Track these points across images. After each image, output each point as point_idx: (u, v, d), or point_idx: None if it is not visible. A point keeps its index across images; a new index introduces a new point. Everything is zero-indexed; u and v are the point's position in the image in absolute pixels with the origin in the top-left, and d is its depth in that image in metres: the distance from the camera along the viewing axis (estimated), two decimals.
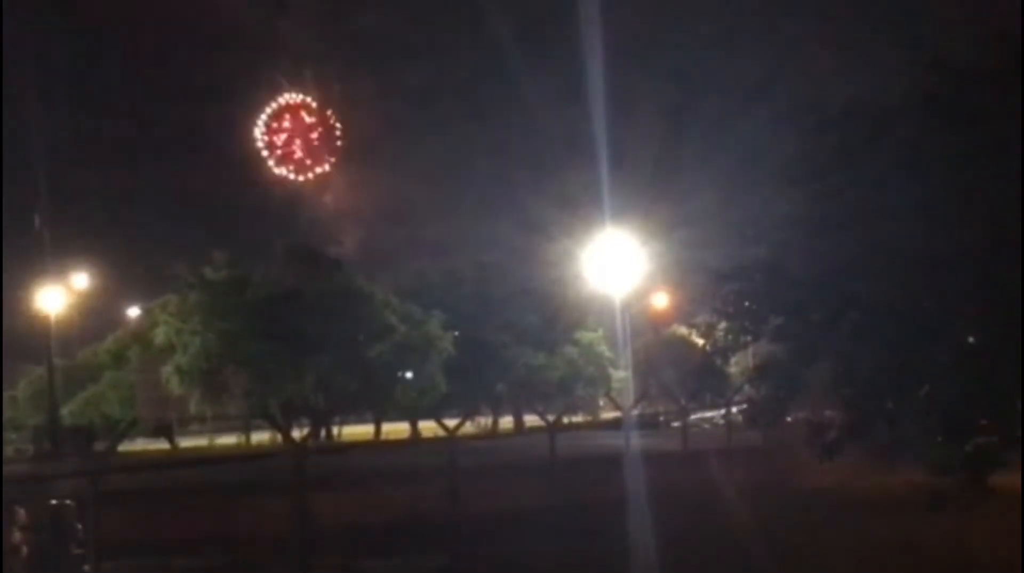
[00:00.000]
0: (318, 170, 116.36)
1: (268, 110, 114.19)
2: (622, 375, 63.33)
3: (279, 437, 51.54)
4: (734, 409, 40.61)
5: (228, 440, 59.77)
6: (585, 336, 63.46)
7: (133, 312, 65.19)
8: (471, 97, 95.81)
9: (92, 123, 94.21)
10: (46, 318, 54.89)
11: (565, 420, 47.19)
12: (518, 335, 59.88)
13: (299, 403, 52.38)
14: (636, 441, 33.08)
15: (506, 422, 64.66)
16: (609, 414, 55.95)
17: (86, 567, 15.14)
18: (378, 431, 59.51)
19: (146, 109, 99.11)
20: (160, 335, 53.28)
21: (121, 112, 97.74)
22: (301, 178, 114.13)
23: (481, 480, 25.69)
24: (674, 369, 59.29)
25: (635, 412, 43.47)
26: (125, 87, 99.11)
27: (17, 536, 15.10)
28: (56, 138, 77.11)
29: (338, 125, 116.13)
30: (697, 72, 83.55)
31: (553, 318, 62.56)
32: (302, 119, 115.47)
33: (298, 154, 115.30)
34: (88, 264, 65.58)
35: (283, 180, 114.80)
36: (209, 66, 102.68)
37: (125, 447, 53.30)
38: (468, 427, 55.58)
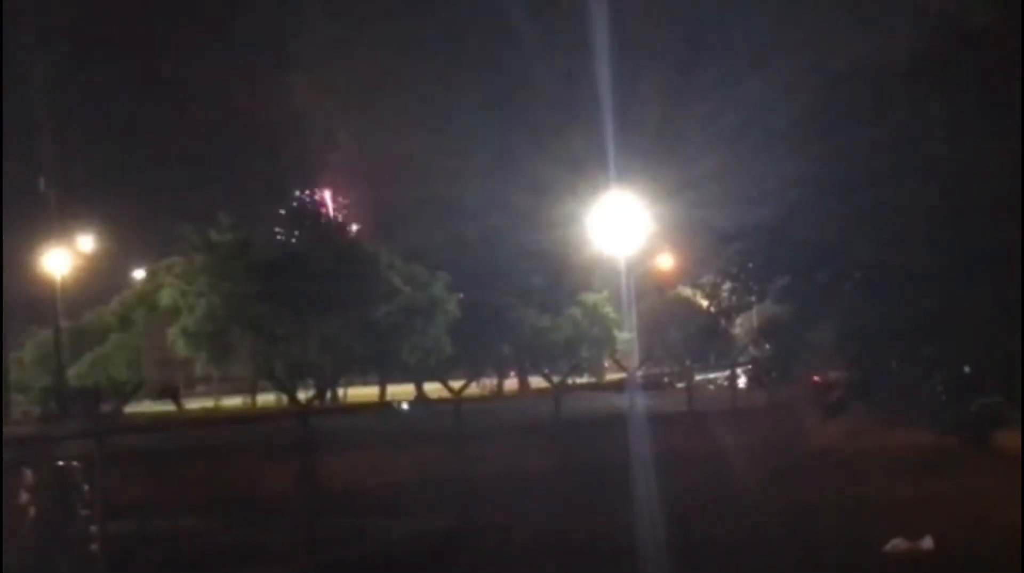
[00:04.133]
0: None
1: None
2: (627, 336, 63.41)
3: (284, 399, 51.78)
4: (739, 370, 40.65)
5: (234, 402, 59.94)
6: (590, 298, 63.49)
7: (139, 274, 65.25)
8: (476, 57, 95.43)
9: (97, 85, 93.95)
10: (52, 280, 54.96)
11: (570, 381, 47.25)
12: (523, 297, 59.94)
13: (304, 365, 52.49)
14: (641, 402, 33.10)
15: (511, 384, 64.80)
16: (614, 375, 56.04)
17: (93, 528, 15.20)
18: (383, 393, 59.67)
19: (152, 70, 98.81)
20: (166, 297, 53.36)
21: (127, 74, 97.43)
22: None
23: (487, 442, 25.73)
24: (679, 330, 59.41)
25: (640, 373, 43.51)
26: (131, 48, 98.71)
27: (24, 497, 15.18)
28: (61, 101, 76.84)
29: None
30: (703, 32, 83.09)
31: (558, 280, 62.61)
32: None
33: None
34: (94, 226, 65.54)
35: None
36: (215, 25, 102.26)
37: (131, 409, 53.67)
38: (473, 389, 55.74)
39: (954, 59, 15.94)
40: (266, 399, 57.65)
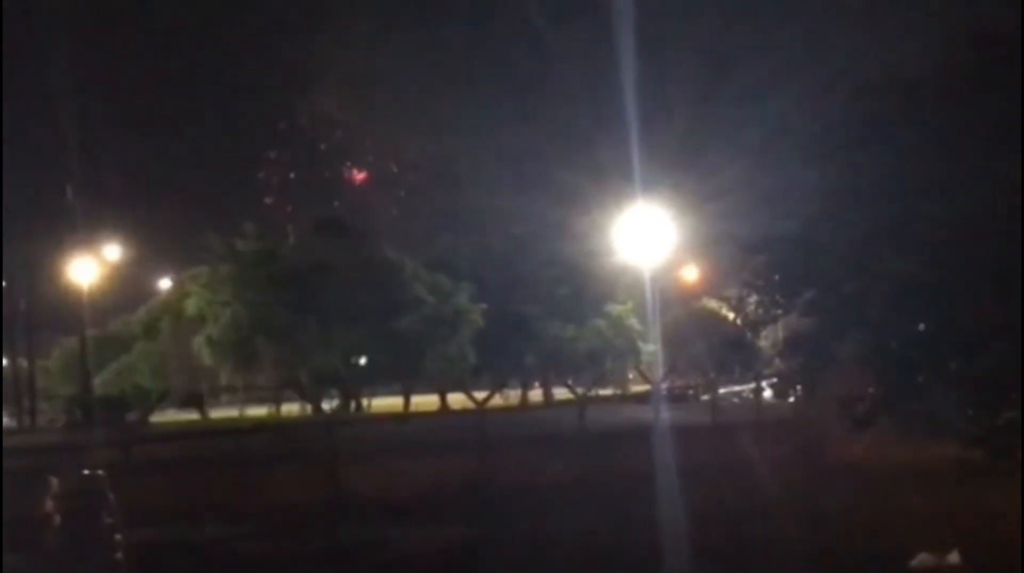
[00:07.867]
0: None
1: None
2: (651, 348, 63.15)
3: (309, 408, 51.72)
4: (764, 382, 40.48)
5: (258, 411, 60.04)
6: (615, 309, 63.30)
7: (164, 283, 65.43)
8: (502, 68, 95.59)
9: (126, 95, 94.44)
10: (79, 289, 55.14)
11: (594, 393, 47.06)
12: (548, 308, 59.79)
13: (328, 374, 52.52)
14: (665, 414, 33.04)
15: (535, 395, 64.70)
16: (638, 387, 55.92)
17: (118, 536, 15.22)
18: (407, 403, 59.65)
19: (180, 79, 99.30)
20: (191, 306, 53.49)
21: (156, 84, 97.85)
22: None
23: (511, 452, 25.70)
24: (703, 342, 59.18)
25: (664, 385, 43.38)
26: (161, 58, 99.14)
27: (49, 505, 15.21)
28: (88, 109, 77.29)
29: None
30: (729, 42, 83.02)
31: (583, 291, 62.42)
32: None
33: None
34: (120, 235, 65.75)
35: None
36: (240, 36, 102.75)
37: (156, 417, 53.86)
38: (497, 399, 55.55)
39: (983, 70, 15.83)
40: (290, 408, 57.72)
